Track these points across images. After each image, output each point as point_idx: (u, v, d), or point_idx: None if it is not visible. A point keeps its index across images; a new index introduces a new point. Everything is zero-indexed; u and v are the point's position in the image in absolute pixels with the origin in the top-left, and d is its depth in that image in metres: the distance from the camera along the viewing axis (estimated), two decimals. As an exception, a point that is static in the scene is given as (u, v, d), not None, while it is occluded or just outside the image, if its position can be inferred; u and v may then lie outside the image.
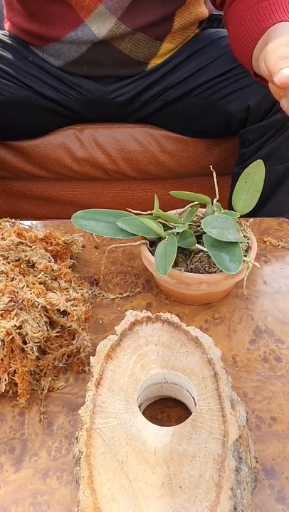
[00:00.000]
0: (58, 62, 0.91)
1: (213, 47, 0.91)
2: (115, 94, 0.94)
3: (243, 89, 0.86)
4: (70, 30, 0.85)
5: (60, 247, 0.63)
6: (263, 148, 0.88)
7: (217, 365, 0.45)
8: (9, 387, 0.51)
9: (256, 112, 0.86)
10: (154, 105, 0.96)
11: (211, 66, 0.90)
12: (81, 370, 0.54)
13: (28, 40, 0.93)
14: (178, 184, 1.10)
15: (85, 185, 1.09)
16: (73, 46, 0.87)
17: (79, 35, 0.85)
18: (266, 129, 0.86)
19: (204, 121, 0.95)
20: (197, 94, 0.92)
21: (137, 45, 0.87)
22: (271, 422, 0.50)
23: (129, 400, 0.43)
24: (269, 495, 0.44)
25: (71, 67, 0.92)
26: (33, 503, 0.43)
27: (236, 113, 0.88)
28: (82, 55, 0.88)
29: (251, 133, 0.88)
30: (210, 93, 0.90)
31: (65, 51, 0.89)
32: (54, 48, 0.89)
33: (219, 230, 0.54)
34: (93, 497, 0.36)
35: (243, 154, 0.92)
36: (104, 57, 0.89)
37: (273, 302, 0.64)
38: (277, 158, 0.87)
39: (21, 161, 1.03)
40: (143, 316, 0.49)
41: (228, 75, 0.88)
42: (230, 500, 0.36)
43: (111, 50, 0.87)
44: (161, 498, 0.37)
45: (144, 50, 0.89)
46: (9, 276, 0.54)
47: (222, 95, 0.89)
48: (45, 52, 0.91)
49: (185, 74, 0.92)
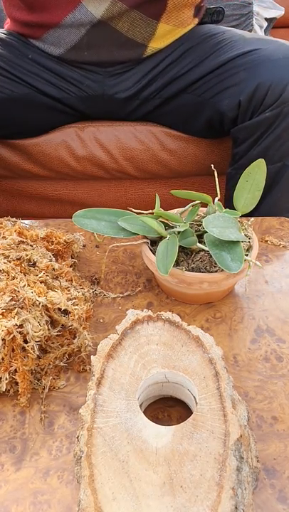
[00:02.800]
0: (59, 50, 0.92)
1: (207, 43, 0.92)
2: (115, 90, 0.94)
3: (234, 86, 0.87)
4: (67, 12, 0.87)
5: (61, 246, 0.63)
6: (253, 148, 0.88)
7: (218, 364, 0.44)
8: (10, 386, 0.51)
9: (246, 109, 0.86)
10: (153, 102, 0.96)
11: (204, 62, 0.91)
12: (82, 369, 0.54)
13: (29, 33, 0.93)
14: (179, 183, 1.09)
15: (86, 184, 1.09)
16: (72, 29, 0.88)
17: (77, 17, 0.87)
18: (255, 127, 0.86)
19: (200, 119, 0.96)
20: (192, 91, 0.93)
21: (133, 25, 0.89)
22: (272, 422, 0.50)
23: (130, 399, 0.42)
24: (270, 494, 0.44)
25: (71, 54, 0.92)
26: (34, 502, 0.43)
27: (227, 111, 0.88)
28: (82, 39, 0.90)
29: (241, 132, 0.89)
30: (204, 90, 0.91)
31: (64, 36, 0.90)
32: (54, 34, 0.90)
33: (220, 229, 0.54)
34: (94, 496, 0.36)
35: (236, 154, 0.92)
36: (103, 40, 0.90)
37: (274, 301, 0.63)
38: (269, 159, 0.87)
39: (22, 159, 1.03)
40: (144, 315, 0.49)
41: (219, 70, 0.89)
42: (232, 500, 0.36)
43: (109, 31, 0.89)
44: (162, 498, 0.36)
45: (141, 30, 0.90)
46: (10, 275, 0.54)
47: (215, 92, 0.90)
48: (46, 41, 0.92)
49: (182, 70, 0.93)
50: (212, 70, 0.90)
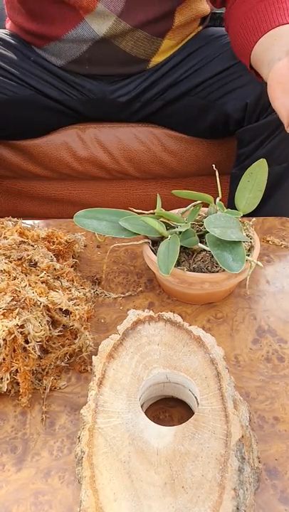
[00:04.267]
0: (60, 61, 0.91)
1: (211, 45, 0.92)
2: (117, 94, 0.94)
3: (241, 88, 0.86)
4: (70, 28, 0.85)
5: (62, 246, 0.63)
6: (260, 148, 0.88)
7: (220, 364, 0.44)
8: (11, 387, 0.51)
9: (253, 111, 0.86)
10: (155, 105, 0.96)
11: (209, 65, 0.90)
12: (83, 369, 0.54)
13: (30, 40, 0.93)
14: (180, 184, 1.09)
15: (87, 185, 1.09)
16: (74, 45, 0.87)
17: (79, 33, 0.85)
18: (263, 128, 0.86)
19: (204, 121, 0.95)
20: (196, 94, 0.92)
21: (137, 43, 0.88)
22: (274, 422, 0.50)
23: (132, 400, 0.42)
24: (272, 495, 0.44)
25: (72, 66, 0.92)
26: (35, 502, 0.43)
27: (233, 113, 0.88)
28: (83, 54, 0.88)
29: (247, 133, 0.88)
30: (208, 92, 0.91)
31: (66, 50, 0.89)
32: (55, 47, 0.89)
33: (222, 229, 0.54)
34: (95, 497, 0.36)
35: (241, 155, 0.92)
36: (106, 56, 0.89)
37: (276, 302, 0.63)
38: (275, 159, 0.87)
39: (24, 160, 1.03)
40: (145, 315, 0.49)
41: (225, 73, 0.89)
42: (233, 501, 0.36)
43: (112, 49, 0.87)
44: (163, 498, 0.36)
45: (145, 48, 0.89)
46: (11, 275, 0.54)
47: (220, 95, 0.89)
48: (47, 51, 0.91)
49: (185, 73, 0.92)
50: (218, 73, 0.89)
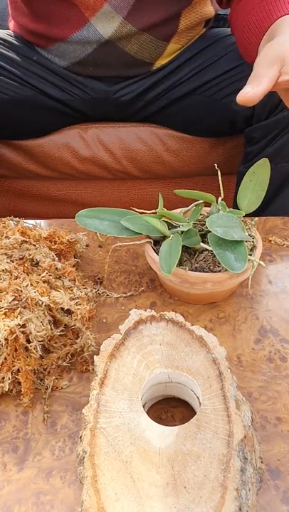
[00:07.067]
0: (64, 62, 0.91)
1: (218, 45, 0.91)
2: (120, 94, 0.94)
3: None
4: (75, 30, 0.85)
5: (64, 245, 0.63)
6: (268, 146, 0.87)
7: (222, 364, 0.44)
8: (13, 386, 0.51)
9: (262, 109, 0.85)
10: (159, 104, 0.96)
11: (215, 64, 0.90)
12: (85, 369, 0.54)
13: (34, 41, 0.92)
14: (182, 183, 1.09)
15: (88, 185, 1.09)
16: (79, 47, 0.87)
17: (84, 35, 0.85)
18: (272, 127, 0.86)
19: (209, 119, 0.95)
20: (202, 93, 0.91)
21: (142, 47, 0.87)
22: (276, 422, 0.49)
23: (133, 400, 0.42)
24: (274, 496, 0.44)
25: (76, 68, 0.91)
26: (36, 502, 0.43)
27: (241, 111, 0.87)
28: (88, 56, 0.88)
29: (257, 131, 0.88)
30: (214, 91, 0.90)
31: (70, 52, 0.89)
32: (59, 48, 0.89)
33: (224, 228, 0.54)
34: (97, 497, 0.36)
35: (249, 153, 0.91)
36: (110, 59, 0.89)
37: (278, 302, 0.63)
38: (283, 156, 0.86)
39: (25, 160, 1.03)
40: (147, 315, 0.49)
41: (232, 72, 0.88)
42: (235, 501, 0.35)
43: (117, 52, 0.87)
44: (165, 499, 0.36)
45: (150, 51, 0.89)
46: (13, 274, 0.53)
47: (227, 93, 0.89)
48: (51, 52, 0.91)
49: (190, 72, 0.91)
50: (224, 72, 0.89)
